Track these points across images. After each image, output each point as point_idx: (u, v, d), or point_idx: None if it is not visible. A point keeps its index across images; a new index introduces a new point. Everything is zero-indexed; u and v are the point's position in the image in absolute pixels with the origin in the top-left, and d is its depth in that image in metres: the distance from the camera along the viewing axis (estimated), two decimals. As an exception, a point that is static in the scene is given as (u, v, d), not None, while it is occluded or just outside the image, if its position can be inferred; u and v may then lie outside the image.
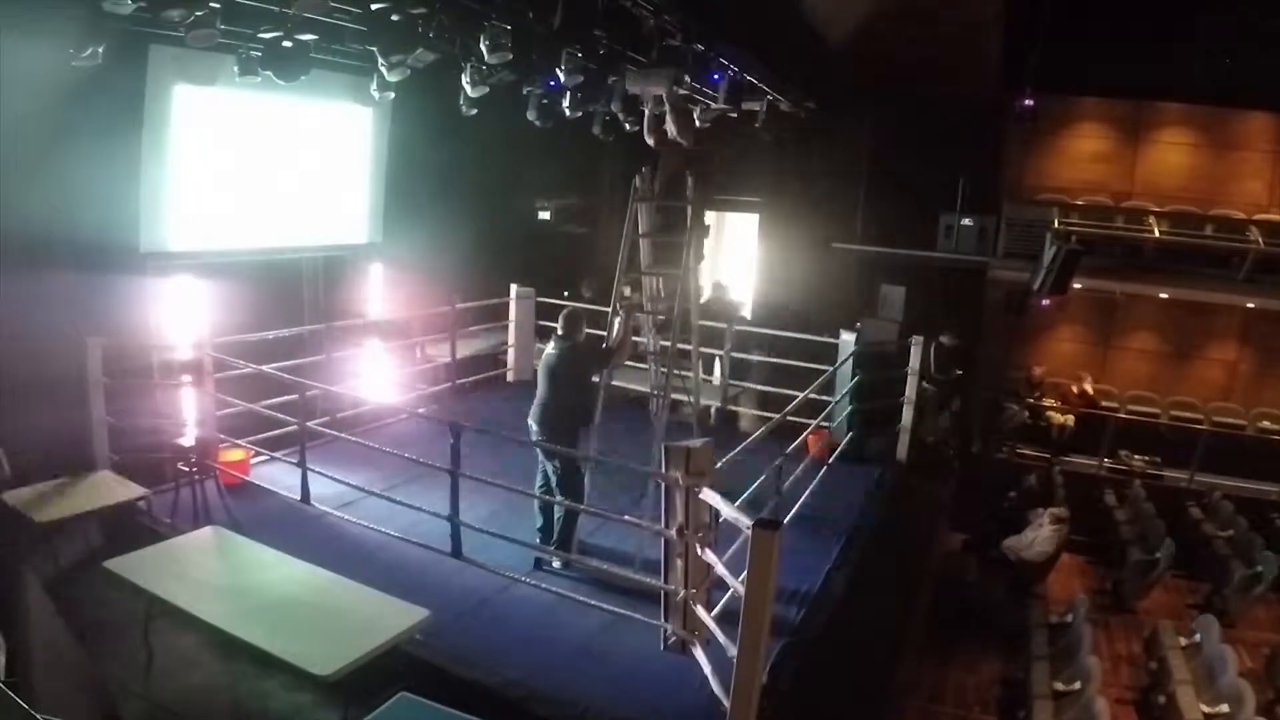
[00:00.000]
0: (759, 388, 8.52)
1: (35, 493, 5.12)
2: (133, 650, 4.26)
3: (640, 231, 6.38)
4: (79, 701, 3.53)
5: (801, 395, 6.51)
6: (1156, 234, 11.43)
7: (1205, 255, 11.29)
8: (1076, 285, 11.16)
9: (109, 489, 5.37)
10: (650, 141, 7.17)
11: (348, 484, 5.71)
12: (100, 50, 5.17)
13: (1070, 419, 11.45)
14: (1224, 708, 6.09)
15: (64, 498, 5.15)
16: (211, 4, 5.06)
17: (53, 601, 4.13)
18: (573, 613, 4.68)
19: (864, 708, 4.85)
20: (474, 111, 7.48)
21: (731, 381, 8.58)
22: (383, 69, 6.16)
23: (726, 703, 3.71)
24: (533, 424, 5.50)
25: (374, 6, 5.60)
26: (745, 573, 3.49)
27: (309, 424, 6.04)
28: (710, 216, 14.91)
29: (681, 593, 4.30)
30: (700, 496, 4.13)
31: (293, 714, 4.02)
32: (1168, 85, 11.38)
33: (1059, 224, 11.46)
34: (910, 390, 7.73)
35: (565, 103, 7.39)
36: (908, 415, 7.87)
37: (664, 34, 6.60)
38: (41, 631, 3.62)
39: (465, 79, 6.73)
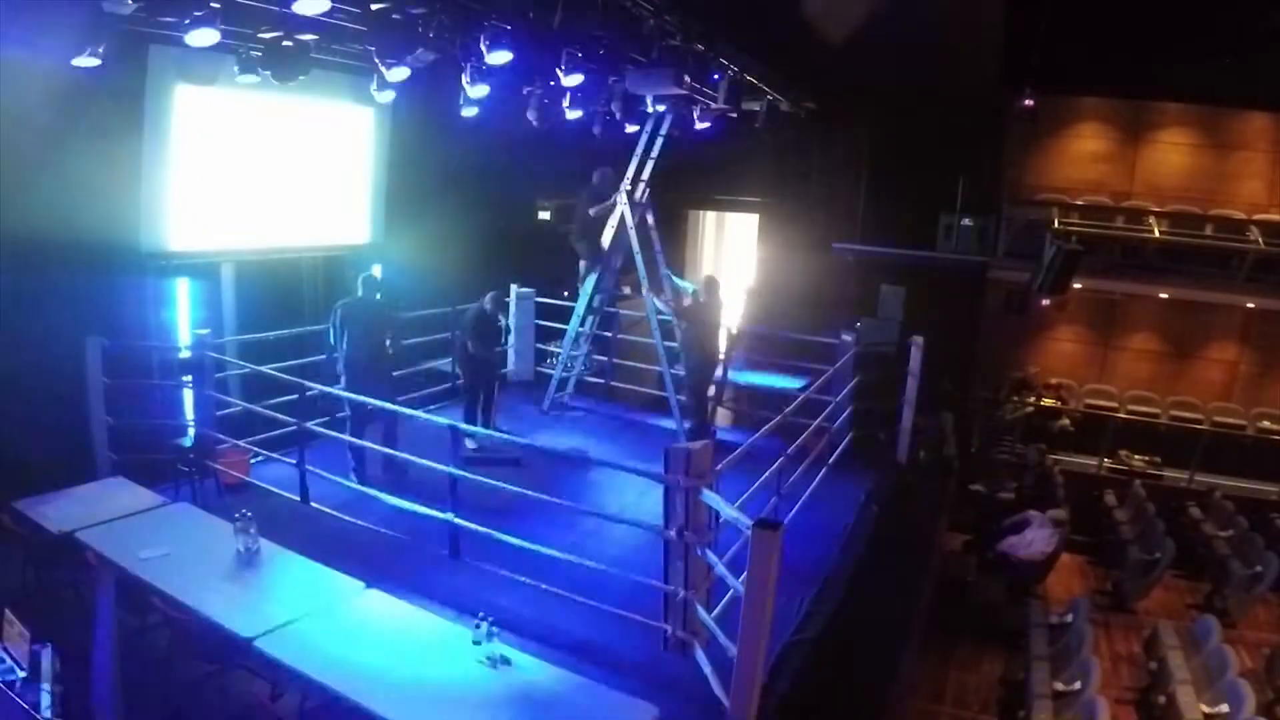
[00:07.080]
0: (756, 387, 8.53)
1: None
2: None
3: None
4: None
5: (801, 395, 6.53)
6: (1156, 234, 11.43)
7: (1205, 255, 11.28)
8: (1076, 285, 11.14)
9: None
10: None
11: (348, 484, 5.71)
12: (100, 50, 5.16)
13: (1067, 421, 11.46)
14: (1224, 708, 6.08)
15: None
16: (211, 4, 5.06)
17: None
18: (573, 612, 4.67)
19: (864, 708, 4.85)
20: (474, 111, 7.48)
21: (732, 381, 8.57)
22: (383, 69, 6.16)
23: (726, 702, 3.72)
24: None
25: (374, 6, 5.60)
26: (745, 573, 3.49)
27: (309, 424, 6.04)
28: (710, 216, 14.98)
29: (681, 593, 4.30)
30: (700, 498, 4.13)
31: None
32: (1168, 85, 11.38)
33: (1059, 224, 11.46)
34: (910, 391, 7.73)
35: (565, 103, 7.39)
36: (908, 416, 7.87)
37: (664, 34, 6.60)
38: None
39: (465, 79, 6.73)
